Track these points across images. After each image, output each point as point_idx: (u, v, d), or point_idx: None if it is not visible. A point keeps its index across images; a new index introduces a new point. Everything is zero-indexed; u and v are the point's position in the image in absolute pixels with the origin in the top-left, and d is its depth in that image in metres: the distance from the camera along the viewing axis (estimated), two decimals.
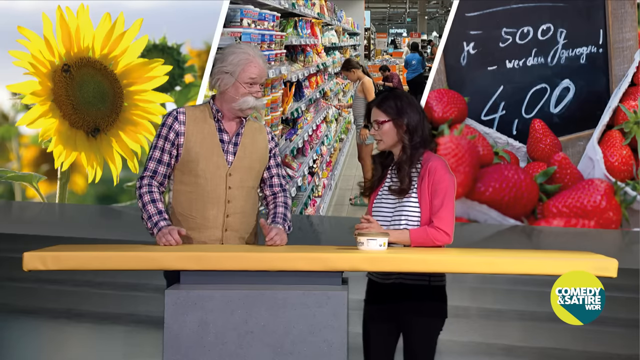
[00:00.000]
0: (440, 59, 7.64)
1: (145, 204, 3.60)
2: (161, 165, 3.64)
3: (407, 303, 3.37)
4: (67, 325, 6.44)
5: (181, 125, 3.62)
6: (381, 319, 3.43)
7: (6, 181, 8.23)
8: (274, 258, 3.11)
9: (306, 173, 8.76)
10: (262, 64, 3.64)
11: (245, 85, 3.60)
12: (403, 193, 3.38)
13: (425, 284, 3.37)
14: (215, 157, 3.61)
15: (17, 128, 8.52)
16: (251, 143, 3.68)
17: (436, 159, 3.41)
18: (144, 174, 3.65)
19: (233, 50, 3.65)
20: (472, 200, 7.20)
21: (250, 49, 3.69)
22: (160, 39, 8.00)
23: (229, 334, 2.99)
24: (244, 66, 3.60)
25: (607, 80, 7.54)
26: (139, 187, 3.64)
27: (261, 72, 3.63)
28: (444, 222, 3.35)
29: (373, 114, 3.45)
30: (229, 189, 3.61)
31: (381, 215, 3.44)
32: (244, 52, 3.63)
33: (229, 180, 3.62)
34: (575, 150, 7.53)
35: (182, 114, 3.65)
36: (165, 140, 3.63)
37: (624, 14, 7.48)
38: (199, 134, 3.63)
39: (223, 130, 3.65)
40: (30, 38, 7.23)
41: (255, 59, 3.62)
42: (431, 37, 13.69)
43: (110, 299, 6.85)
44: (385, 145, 3.45)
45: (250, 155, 3.66)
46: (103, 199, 8.25)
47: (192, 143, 3.61)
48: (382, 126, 3.42)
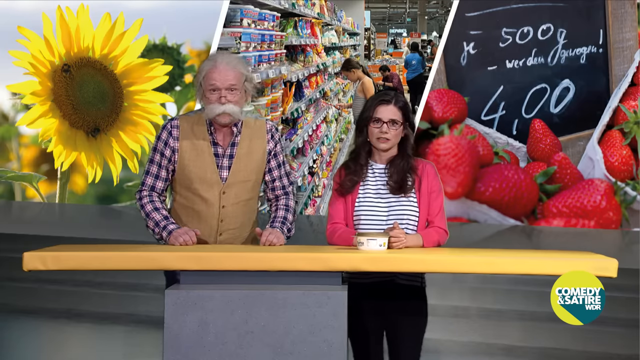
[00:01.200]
0: (440, 59, 7.64)
1: (149, 213, 3.59)
2: (159, 181, 3.62)
3: (394, 303, 3.37)
4: (67, 325, 6.45)
5: (175, 142, 3.58)
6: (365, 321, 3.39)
7: (6, 181, 8.23)
8: (274, 258, 3.11)
9: (306, 173, 8.76)
10: (225, 69, 3.50)
11: (208, 93, 3.52)
12: (408, 190, 3.39)
13: (408, 284, 3.37)
14: (209, 174, 3.57)
15: (17, 128, 8.52)
16: (247, 153, 3.61)
17: (427, 162, 3.48)
18: (142, 188, 3.63)
19: (204, 61, 3.59)
20: (472, 200, 7.20)
21: (219, 55, 3.57)
22: (160, 39, 7.99)
23: (229, 334, 2.99)
24: (205, 74, 3.52)
25: (607, 80, 7.54)
26: (139, 199, 3.62)
27: (225, 77, 3.49)
28: (443, 221, 3.44)
29: (388, 112, 3.41)
30: (222, 208, 3.58)
31: (375, 216, 3.41)
32: (209, 59, 3.55)
33: (222, 198, 3.58)
34: (575, 150, 7.52)
35: (176, 128, 3.59)
36: (161, 156, 3.60)
37: (624, 14, 7.48)
38: (192, 150, 3.58)
39: (217, 144, 3.58)
40: (30, 38, 7.23)
41: (217, 65, 3.50)
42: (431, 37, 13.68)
43: (110, 299, 6.85)
44: (391, 145, 3.43)
45: (245, 167, 3.60)
46: (103, 199, 8.25)
47: (186, 160, 3.57)
48: (399, 127, 3.41)
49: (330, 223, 3.45)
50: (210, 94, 3.52)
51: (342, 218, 3.44)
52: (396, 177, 3.41)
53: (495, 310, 6.47)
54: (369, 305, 3.38)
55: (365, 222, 3.40)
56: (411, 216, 3.40)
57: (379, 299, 3.37)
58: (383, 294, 3.37)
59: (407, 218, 3.39)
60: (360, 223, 3.40)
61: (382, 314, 3.39)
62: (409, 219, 3.39)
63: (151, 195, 3.62)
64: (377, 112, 3.41)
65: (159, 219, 3.56)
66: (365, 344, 3.41)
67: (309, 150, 9.09)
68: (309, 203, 8.82)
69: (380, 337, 3.43)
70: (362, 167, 3.44)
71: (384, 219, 3.40)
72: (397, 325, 3.38)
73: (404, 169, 3.41)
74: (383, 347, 3.45)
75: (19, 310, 6.67)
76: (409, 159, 3.43)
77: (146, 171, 3.64)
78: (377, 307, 3.38)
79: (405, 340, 3.38)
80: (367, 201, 3.42)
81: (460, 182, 7.08)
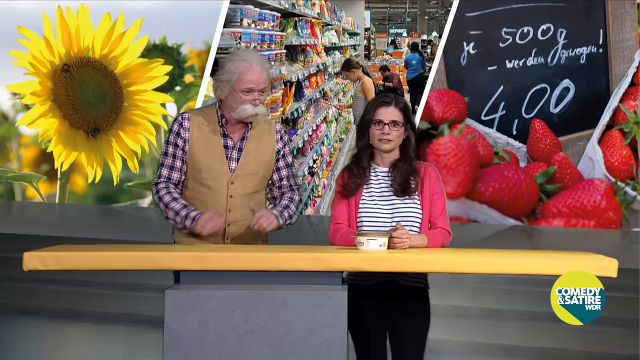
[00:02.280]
0: (440, 59, 7.64)
1: (168, 203, 3.59)
2: (174, 172, 3.64)
3: (396, 303, 3.37)
4: (67, 325, 6.45)
5: (186, 132, 3.62)
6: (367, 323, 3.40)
7: (6, 181, 8.23)
8: (274, 258, 3.11)
9: (306, 173, 8.76)
10: (260, 71, 3.57)
11: (241, 94, 3.55)
12: (412, 192, 3.41)
13: (411, 285, 3.38)
14: (219, 164, 3.60)
15: (17, 128, 8.52)
16: (256, 147, 3.65)
17: (429, 165, 3.51)
18: (158, 180, 3.65)
19: (232, 58, 3.60)
20: (472, 200, 7.20)
21: (250, 55, 3.62)
22: (160, 39, 8.00)
23: (229, 334, 2.99)
24: (240, 74, 3.55)
25: (607, 80, 7.54)
26: (156, 192, 3.63)
27: (259, 79, 3.56)
28: (446, 222, 3.47)
29: (388, 113, 3.43)
30: (230, 198, 3.60)
31: (378, 218, 3.42)
32: (241, 59, 3.58)
33: (230, 188, 3.60)
34: (575, 150, 7.52)
35: (187, 119, 3.63)
36: (175, 147, 3.62)
37: (624, 14, 7.48)
38: (203, 141, 3.62)
39: (227, 136, 3.63)
40: (30, 38, 7.23)
41: (252, 66, 3.55)
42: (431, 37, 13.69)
43: (110, 299, 6.85)
44: (392, 147, 3.44)
45: (254, 161, 3.64)
46: (103, 199, 8.25)
47: (196, 150, 3.61)
48: (400, 128, 3.43)
49: (333, 224, 3.46)
50: (245, 95, 3.56)
51: (344, 219, 3.45)
52: (399, 179, 3.42)
53: (495, 310, 6.47)
54: (372, 306, 3.38)
55: (368, 224, 3.41)
56: (415, 218, 3.42)
57: (382, 300, 3.38)
58: (386, 294, 3.37)
59: (412, 220, 3.41)
60: (364, 225, 3.41)
61: (384, 315, 3.39)
62: (412, 220, 3.41)
63: (168, 186, 3.63)
64: (378, 114, 3.43)
65: (178, 208, 3.57)
66: (368, 345, 3.41)
67: (309, 150, 9.09)
68: (309, 203, 8.82)
69: (383, 338, 3.43)
70: (364, 170, 3.45)
71: (387, 221, 3.41)
72: (400, 326, 3.39)
73: (407, 172, 3.42)
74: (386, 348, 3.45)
75: (19, 310, 6.67)
76: (412, 161, 3.45)
77: (161, 164, 3.67)
78: (379, 308, 3.39)
79: (408, 341, 3.39)
80: (372, 203, 3.43)
81: (460, 182, 7.08)
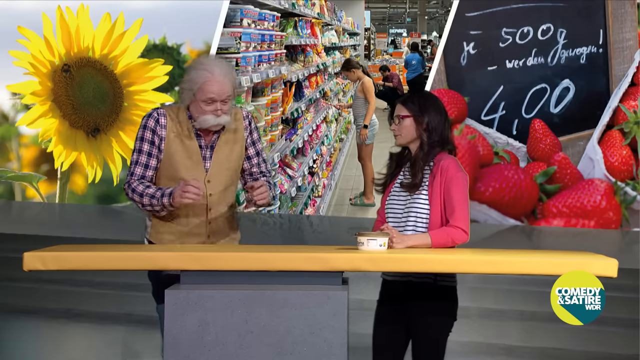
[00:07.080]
0: (440, 59, 7.64)
1: (142, 192, 3.50)
2: (149, 170, 3.55)
3: (415, 302, 3.39)
4: (67, 325, 6.44)
5: (162, 129, 3.54)
6: (391, 319, 3.45)
7: (6, 181, 8.23)
8: (274, 258, 3.11)
9: (306, 173, 8.76)
10: (222, 81, 3.47)
11: (203, 104, 3.48)
12: (415, 188, 3.41)
13: (430, 282, 3.39)
14: (195, 164, 3.56)
15: (17, 128, 8.52)
16: (227, 142, 3.61)
17: (448, 158, 3.44)
18: (131, 179, 3.54)
19: (195, 66, 3.51)
20: (472, 200, 7.20)
21: (214, 64, 3.51)
22: (160, 39, 7.99)
23: (229, 334, 2.99)
24: (201, 84, 3.47)
25: (607, 80, 7.53)
26: (129, 186, 3.53)
27: (221, 89, 3.46)
28: (461, 220, 3.38)
29: (397, 109, 3.51)
30: (209, 196, 3.58)
31: (393, 212, 3.47)
32: (204, 69, 3.48)
33: (208, 187, 3.57)
34: (575, 150, 7.52)
35: (162, 116, 3.55)
36: (151, 145, 3.54)
37: (624, 14, 7.47)
38: (178, 140, 3.55)
39: (200, 136, 3.57)
40: (30, 38, 7.23)
41: (215, 77, 3.46)
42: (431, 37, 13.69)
43: (110, 299, 6.84)
44: (403, 140, 3.48)
45: (227, 157, 3.61)
46: (103, 199, 8.25)
47: (173, 149, 3.55)
48: (403, 121, 3.46)
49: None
50: (206, 106, 3.49)
51: (382, 213, 3.54)
52: (407, 174, 3.47)
53: (496, 310, 6.46)
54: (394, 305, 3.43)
55: (389, 219, 3.48)
56: (420, 214, 3.41)
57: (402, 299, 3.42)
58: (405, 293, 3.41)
59: (415, 216, 3.41)
60: (388, 219, 3.48)
61: (404, 313, 3.41)
62: (416, 216, 3.41)
63: (142, 182, 3.55)
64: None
65: (152, 192, 3.49)
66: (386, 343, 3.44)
67: (309, 150, 9.09)
68: (309, 203, 8.81)
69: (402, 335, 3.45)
70: (394, 165, 3.54)
71: (400, 216, 3.45)
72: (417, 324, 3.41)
73: (413, 166, 3.44)
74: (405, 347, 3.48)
75: (19, 310, 6.66)
76: (424, 155, 3.44)
77: (134, 161, 3.55)
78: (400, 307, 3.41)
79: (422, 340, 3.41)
80: (392, 199, 3.50)
81: None
